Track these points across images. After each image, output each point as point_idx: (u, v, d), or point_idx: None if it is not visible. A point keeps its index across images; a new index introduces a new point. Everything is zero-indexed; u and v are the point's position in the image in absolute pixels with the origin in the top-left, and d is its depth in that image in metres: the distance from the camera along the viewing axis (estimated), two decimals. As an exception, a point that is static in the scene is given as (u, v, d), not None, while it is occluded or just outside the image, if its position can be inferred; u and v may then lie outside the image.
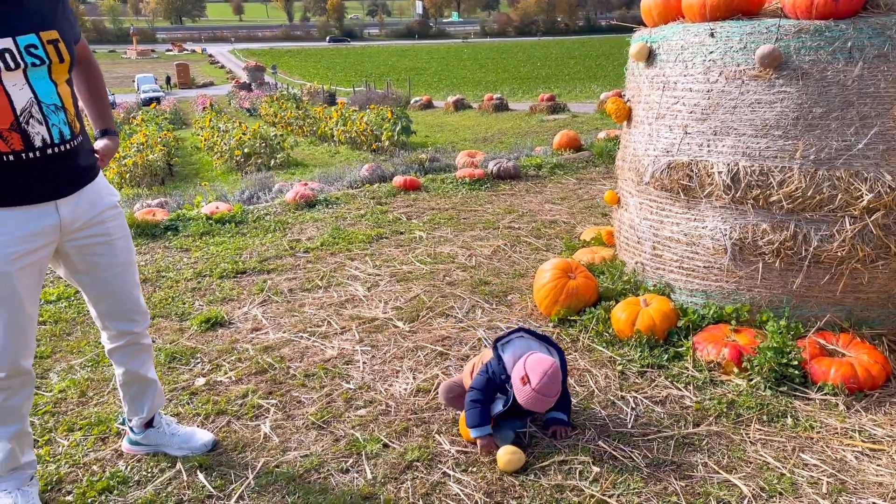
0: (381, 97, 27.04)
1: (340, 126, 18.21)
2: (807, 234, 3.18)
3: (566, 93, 29.37)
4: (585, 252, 4.49)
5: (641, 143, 3.74)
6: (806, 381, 2.99)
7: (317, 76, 46.40)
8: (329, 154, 17.32)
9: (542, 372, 2.51)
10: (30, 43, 2.05)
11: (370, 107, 19.73)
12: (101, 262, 2.36)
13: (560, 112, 20.54)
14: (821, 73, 3.08)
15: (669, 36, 3.53)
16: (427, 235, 5.38)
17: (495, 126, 19.70)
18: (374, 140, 16.50)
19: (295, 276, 4.58)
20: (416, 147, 15.32)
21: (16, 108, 2.03)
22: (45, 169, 2.13)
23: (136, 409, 2.64)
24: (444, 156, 8.77)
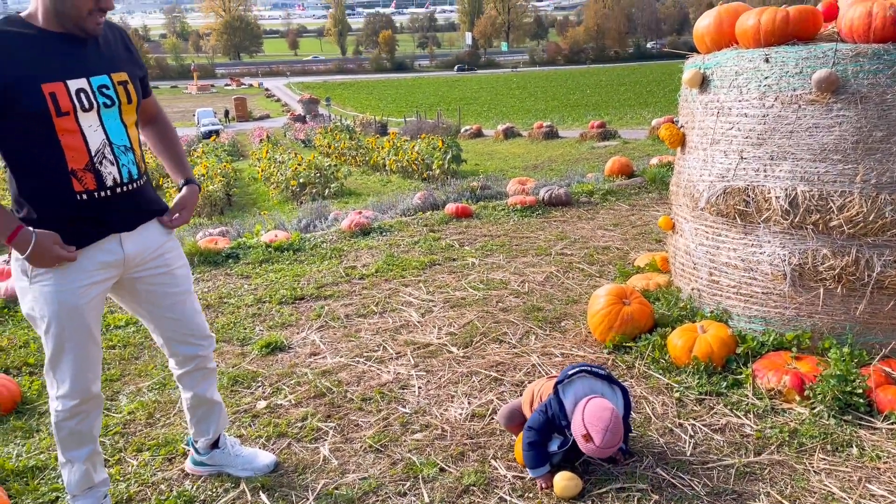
0: (431, 127, 27.39)
1: (392, 156, 18.51)
2: (869, 259, 3.11)
3: (616, 119, 29.25)
4: (640, 278, 4.46)
5: (696, 169, 3.73)
6: (871, 410, 2.91)
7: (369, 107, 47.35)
8: (381, 183, 17.60)
9: (604, 429, 2.44)
10: (102, 83, 2.16)
11: (421, 136, 20.03)
12: (163, 292, 2.44)
13: (611, 139, 20.45)
14: (880, 96, 3.04)
15: (723, 62, 3.54)
16: (479, 262, 5.43)
17: (545, 153, 19.72)
18: (426, 169, 16.72)
19: (351, 302, 4.68)
20: (467, 175, 15.46)
21: (91, 148, 2.13)
22: (114, 207, 2.23)
23: (202, 430, 2.73)
24: (495, 183, 8.84)
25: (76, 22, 2.08)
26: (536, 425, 2.63)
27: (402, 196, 8.36)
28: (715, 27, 3.70)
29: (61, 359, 2.26)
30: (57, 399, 2.31)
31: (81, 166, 2.13)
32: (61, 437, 2.37)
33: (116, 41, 2.28)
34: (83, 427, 2.37)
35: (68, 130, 2.08)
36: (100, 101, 2.14)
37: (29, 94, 2.01)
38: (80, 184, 2.14)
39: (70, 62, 2.10)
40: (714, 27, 3.71)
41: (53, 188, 2.12)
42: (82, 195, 2.15)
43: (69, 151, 2.09)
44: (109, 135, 2.17)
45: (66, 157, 2.09)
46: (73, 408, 2.31)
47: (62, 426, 2.34)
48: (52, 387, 2.32)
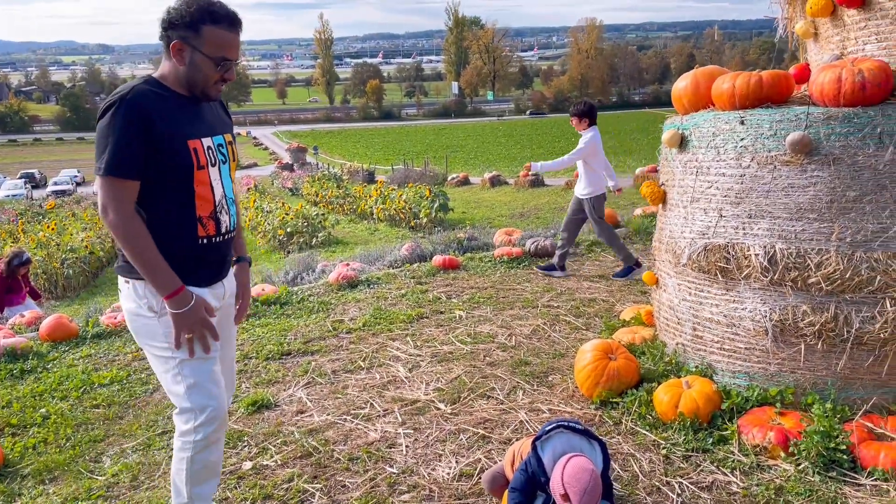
0: (419, 175, 27.65)
1: (380, 204, 18.65)
2: (848, 315, 3.18)
3: (601, 167, 29.63)
4: (625, 332, 4.50)
5: (677, 226, 3.82)
6: (855, 466, 2.93)
7: (357, 156, 47.78)
8: (369, 231, 17.68)
9: (582, 490, 2.44)
10: (220, 143, 2.46)
11: (408, 185, 20.22)
12: (228, 333, 2.66)
13: (596, 187, 20.71)
14: (852, 157, 3.15)
15: (700, 123, 3.65)
16: (467, 315, 5.46)
17: (531, 201, 19.93)
18: (413, 217, 16.83)
19: (338, 357, 4.68)
20: (454, 223, 15.58)
21: (216, 199, 2.41)
22: (223, 250, 2.50)
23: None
24: (482, 234, 8.93)
25: (203, 90, 2.36)
26: (519, 485, 2.63)
27: (390, 247, 8.42)
28: (692, 89, 3.83)
29: (202, 383, 2.38)
30: (196, 430, 2.39)
31: (207, 214, 2.39)
32: (193, 473, 2.44)
33: (217, 105, 2.56)
34: (216, 457, 2.49)
35: (202, 182, 2.35)
36: (219, 157, 2.43)
37: (179, 148, 2.28)
38: (203, 229, 2.39)
39: (200, 123, 2.39)
40: (691, 89, 3.84)
41: (181, 231, 2.35)
42: (203, 239, 2.40)
43: (199, 200, 2.36)
44: (225, 188, 2.46)
45: (195, 205, 2.35)
46: (213, 434, 2.41)
47: (198, 459, 2.42)
48: (189, 421, 2.39)
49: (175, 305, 2.29)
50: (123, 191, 2.23)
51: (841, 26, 3.61)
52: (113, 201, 2.22)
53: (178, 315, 2.30)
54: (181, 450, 2.43)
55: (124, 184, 2.22)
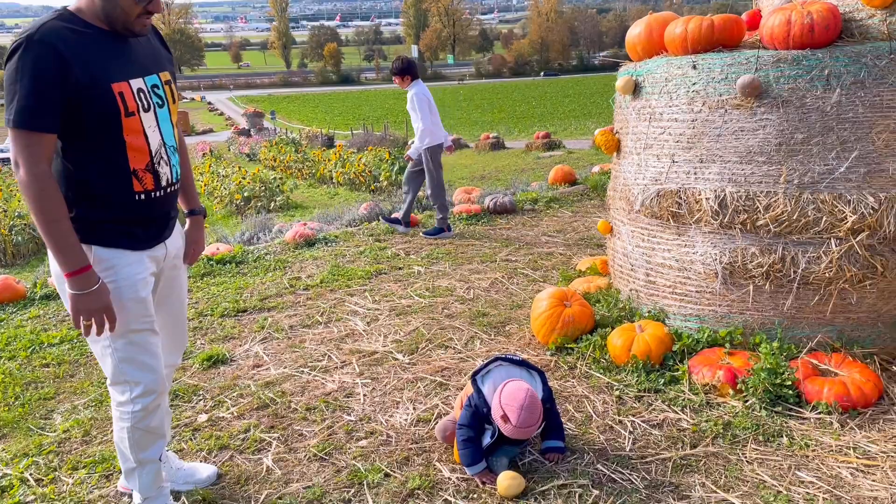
0: (379, 139, 27.33)
1: (339, 168, 18.41)
2: (794, 256, 3.25)
3: (561, 130, 29.72)
4: (581, 282, 4.55)
5: (631, 173, 3.84)
6: (800, 401, 3.03)
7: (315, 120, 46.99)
8: (328, 196, 17.47)
9: (519, 407, 2.52)
10: (154, 83, 2.19)
11: (368, 149, 19.99)
12: (175, 292, 2.50)
13: (556, 149, 20.76)
14: (800, 100, 3.19)
15: (654, 69, 3.66)
16: (425, 270, 5.45)
17: (492, 164, 19.89)
18: (373, 181, 16.67)
19: (295, 313, 4.64)
20: (414, 186, 15.47)
21: (151, 149, 2.17)
22: (164, 207, 2.28)
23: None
24: (442, 193, 8.88)
25: (124, 25, 2.09)
26: (465, 421, 2.68)
27: (349, 208, 8.34)
28: (645, 35, 3.83)
29: (133, 355, 2.24)
30: (133, 401, 2.27)
31: (143, 166, 2.16)
32: (135, 441, 2.33)
33: (153, 38, 2.30)
34: (157, 422, 2.35)
35: (133, 131, 2.11)
36: (154, 100, 2.17)
37: (102, 93, 2.01)
38: (139, 184, 2.17)
39: (127, 62, 2.11)
40: (644, 36, 3.83)
41: (113, 187, 2.13)
42: (140, 195, 2.17)
43: (132, 152, 2.12)
44: (164, 135, 2.22)
45: (128, 157, 2.12)
46: (151, 403, 2.29)
47: (138, 428, 2.31)
48: (125, 392, 2.28)
49: (76, 286, 2.05)
50: (37, 145, 1.96)
51: (791, -29, 3.63)
52: (24, 156, 1.95)
53: (78, 297, 2.05)
54: (120, 419, 2.31)
55: (37, 137, 1.96)
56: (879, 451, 2.70)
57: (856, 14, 3.32)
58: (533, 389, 2.61)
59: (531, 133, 27.37)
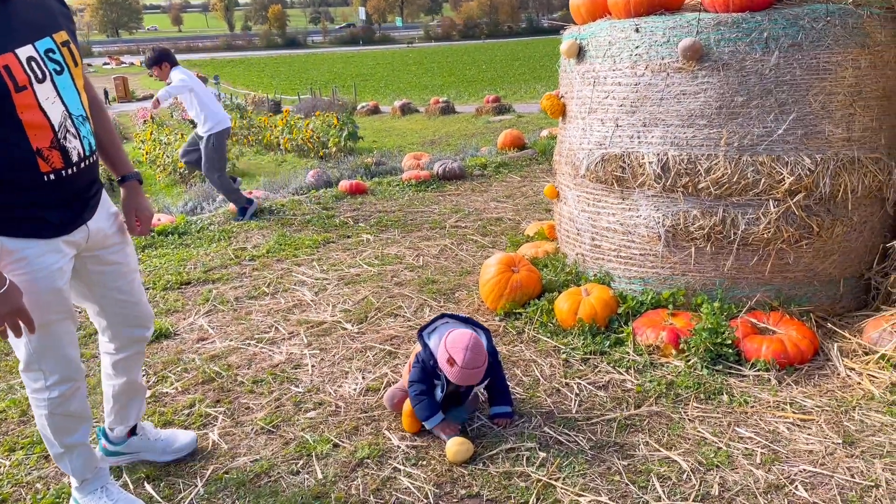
0: (327, 104, 26.81)
1: (286, 134, 18.03)
2: (734, 218, 3.31)
3: (511, 94, 29.61)
4: (529, 247, 4.57)
5: (576, 138, 3.84)
6: (740, 359, 3.12)
7: (261, 85, 45.78)
8: (276, 163, 17.12)
9: (464, 347, 2.59)
10: (48, 48, 1.93)
11: (316, 114, 19.60)
12: (117, 271, 2.31)
13: (506, 113, 20.71)
14: (740, 63, 3.22)
15: (597, 32, 3.64)
16: (374, 238, 5.40)
17: (442, 129, 19.75)
18: (322, 147, 16.39)
19: (241, 285, 4.55)
20: (364, 152, 15.27)
21: (53, 124, 1.94)
22: (78, 184, 2.06)
23: (123, 417, 2.60)
24: (391, 159, 8.80)
25: None
26: (415, 377, 2.72)
27: (296, 175, 8.18)
28: (589, -2, 3.80)
29: (49, 346, 2.09)
30: (49, 388, 2.14)
31: (47, 144, 1.93)
32: (57, 427, 2.21)
33: None
34: (78, 406, 2.23)
35: (28, 106, 1.87)
36: (50, 68, 1.92)
37: None
38: (46, 164, 1.94)
39: (8, 29, 1.85)
40: (589, -2, 3.80)
41: (18, 173, 1.91)
42: (49, 175, 1.96)
43: (31, 130, 1.89)
44: (68, 105, 1.97)
45: (28, 136, 1.89)
46: (68, 390, 2.17)
47: (56, 414, 2.18)
48: (39, 380, 2.14)
49: None
50: None
51: (732, -67, 3.63)
52: None
53: None
54: (37, 407, 2.19)
55: None
56: (814, 406, 2.80)
57: (794, -24, 3.35)
58: (476, 334, 2.67)
59: (481, 97, 27.20)
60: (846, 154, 3.22)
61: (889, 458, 2.45)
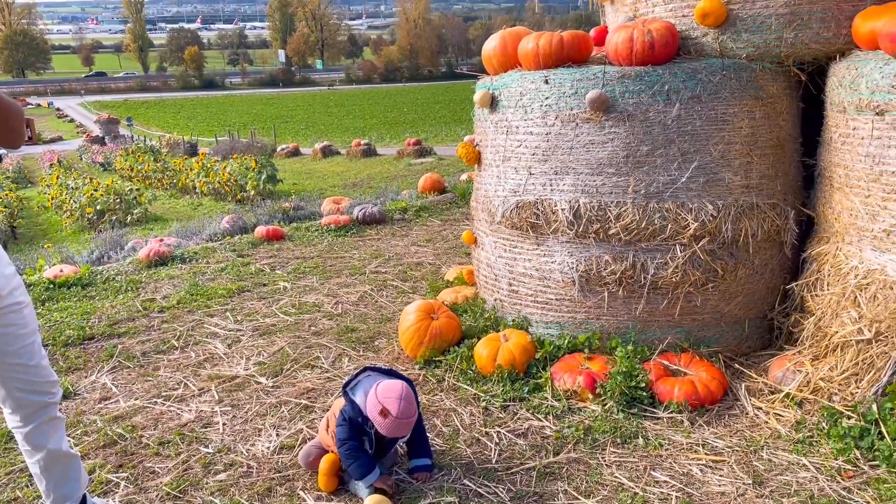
0: (245, 146, 26.44)
1: (202, 177, 17.60)
2: (644, 262, 3.41)
3: (432, 136, 30.03)
4: (449, 292, 4.57)
5: (491, 185, 3.89)
6: (654, 402, 3.18)
7: (177, 127, 44.75)
8: (191, 207, 16.66)
9: (398, 397, 2.56)
10: None
11: (234, 156, 19.26)
12: (14, 334, 2.14)
13: (427, 155, 20.96)
14: (644, 114, 3.35)
15: (509, 83, 3.72)
16: (291, 286, 5.28)
17: (364, 171, 19.76)
18: (239, 190, 16.07)
19: (149, 339, 4.34)
20: (284, 195, 15.09)
21: None
22: None
23: (65, 494, 2.39)
24: (310, 203, 8.70)
25: None
26: (345, 435, 2.63)
27: (211, 220, 7.96)
28: (500, 50, 3.90)
29: None
30: None
31: None
32: None
33: None
34: None
35: None
36: None
37: None
38: None
39: None
40: (499, 50, 3.90)
41: None
42: None
43: None
44: None
45: None
46: None
47: None
48: None
49: None
50: None
51: (633, -9, 3.82)
52: None
53: None
54: None
55: None
56: (725, 447, 2.87)
57: (691, 32, 3.53)
58: (407, 385, 2.64)
59: (403, 139, 27.45)
60: (745, 200, 3.38)
61: (796, 497, 2.53)
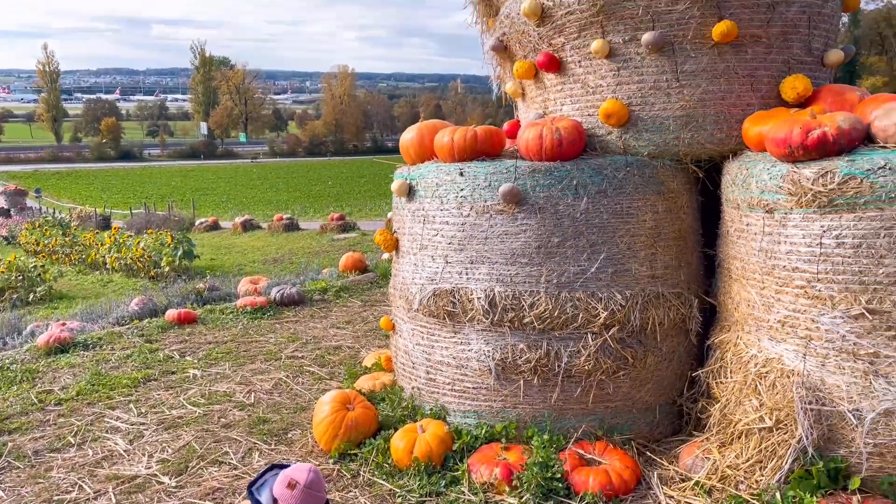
0: (162, 220, 25.81)
1: (114, 253, 16.96)
2: (558, 351, 3.46)
3: (357, 211, 30.12)
4: (367, 379, 4.49)
5: (409, 272, 3.91)
6: (570, 493, 3.16)
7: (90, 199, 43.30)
8: (101, 284, 15.95)
9: (307, 470, 2.51)
10: None
11: (149, 231, 18.71)
12: None
13: (350, 230, 20.95)
14: (554, 207, 3.47)
15: (426, 174, 3.80)
16: (202, 373, 5.08)
17: (285, 246, 19.52)
18: (153, 266, 15.53)
19: (42, 435, 4.05)
20: (201, 271, 14.70)
21: None
22: None
23: None
24: (226, 283, 8.49)
25: None
26: None
27: (119, 302, 7.63)
28: (417, 141, 3.99)
29: None
30: None
31: None
32: None
33: None
34: None
35: None
36: None
37: None
38: None
39: None
40: (417, 141, 4.00)
41: None
42: None
43: None
44: None
45: None
46: None
47: None
48: None
49: None
50: None
51: (543, 88, 4.01)
52: None
53: None
54: None
55: None
56: (638, 538, 2.87)
57: (597, 130, 3.72)
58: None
59: (326, 213, 27.39)
60: (652, 290, 3.51)
61: (708, 590, 2.54)
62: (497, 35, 4.18)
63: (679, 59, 3.47)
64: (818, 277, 2.84)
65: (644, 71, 3.54)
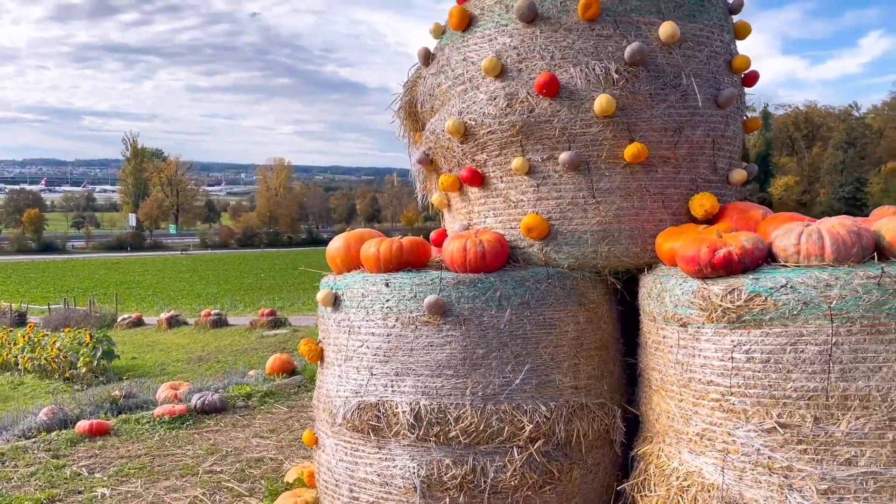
0: (82, 316, 24.68)
1: (28, 352, 16.04)
2: (484, 466, 3.40)
3: (289, 305, 29.59)
4: (288, 496, 4.29)
5: (333, 385, 3.82)
6: None
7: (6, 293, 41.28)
8: (11, 386, 14.97)
9: None
10: None
11: (66, 330, 17.85)
12: None
13: (281, 326, 20.49)
14: (478, 318, 3.50)
15: (352, 284, 3.79)
16: (111, 492, 4.75)
17: (213, 343, 18.90)
18: (69, 367, 14.72)
19: (-77, 572, 3.67)
20: (121, 371, 14.03)
21: None
22: None
23: None
24: (144, 388, 8.11)
25: None
26: None
27: (26, 412, 7.16)
28: (344, 251, 4.01)
29: None
30: None
31: None
32: None
33: None
34: None
35: None
36: None
37: None
38: None
39: None
40: (343, 251, 4.01)
41: None
42: None
43: None
44: None
45: None
46: None
47: None
48: None
49: None
50: None
51: (467, 201, 4.12)
52: None
53: None
54: None
55: None
56: None
57: (519, 243, 3.82)
58: None
59: (258, 307, 26.79)
60: (575, 401, 3.54)
61: None
62: (423, 149, 4.31)
63: (594, 177, 3.65)
64: (731, 391, 2.93)
65: (562, 188, 3.69)
